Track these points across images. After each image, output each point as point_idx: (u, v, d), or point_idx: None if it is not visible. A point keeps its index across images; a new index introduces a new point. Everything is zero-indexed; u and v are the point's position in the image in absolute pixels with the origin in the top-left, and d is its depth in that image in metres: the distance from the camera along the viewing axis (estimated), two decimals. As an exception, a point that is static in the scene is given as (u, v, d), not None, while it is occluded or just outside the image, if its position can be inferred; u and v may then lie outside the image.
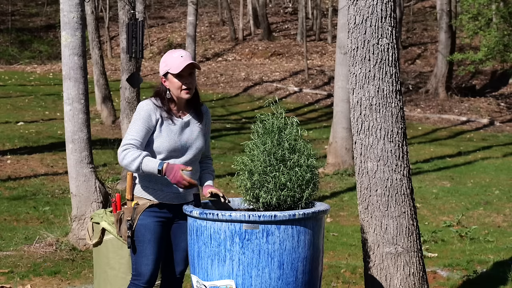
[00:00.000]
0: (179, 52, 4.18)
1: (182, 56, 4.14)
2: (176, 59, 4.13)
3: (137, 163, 3.99)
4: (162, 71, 4.20)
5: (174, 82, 4.15)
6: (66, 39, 7.44)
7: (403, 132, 4.71)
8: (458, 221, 9.41)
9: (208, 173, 4.38)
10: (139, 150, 4.03)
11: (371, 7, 4.64)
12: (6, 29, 33.53)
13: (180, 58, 4.13)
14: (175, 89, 4.16)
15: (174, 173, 3.97)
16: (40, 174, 11.83)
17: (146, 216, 4.13)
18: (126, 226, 4.12)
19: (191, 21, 18.98)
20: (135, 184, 4.19)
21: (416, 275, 4.71)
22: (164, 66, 4.18)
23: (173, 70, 4.11)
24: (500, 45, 20.78)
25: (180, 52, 4.17)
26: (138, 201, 4.16)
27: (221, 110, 21.58)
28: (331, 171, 13.07)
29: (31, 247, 7.49)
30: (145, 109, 4.12)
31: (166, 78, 4.19)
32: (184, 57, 4.13)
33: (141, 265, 4.12)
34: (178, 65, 4.11)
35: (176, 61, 4.13)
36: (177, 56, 4.14)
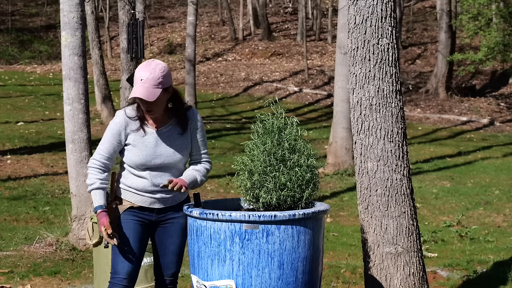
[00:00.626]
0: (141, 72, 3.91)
1: (142, 79, 3.89)
2: (136, 81, 3.90)
3: (88, 190, 4.04)
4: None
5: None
6: (66, 39, 7.44)
7: (403, 132, 4.71)
8: (458, 221, 9.41)
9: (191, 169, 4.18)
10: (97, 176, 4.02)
11: (371, 7, 4.64)
12: (6, 29, 33.53)
13: (139, 82, 3.89)
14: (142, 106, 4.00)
15: (99, 224, 3.98)
16: (40, 174, 11.82)
17: (126, 215, 4.09)
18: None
19: (191, 21, 18.98)
20: (118, 185, 4.16)
21: (416, 275, 4.71)
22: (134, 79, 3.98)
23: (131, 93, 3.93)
24: (500, 45, 20.78)
25: (142, 73, 3.90)
26: (119, 202, 4.13)
27: (221, 110, 21.58)
28: (331, 171, 13.07)
29: (31, 247, 7.49)
30: (116, 123, 4.02)
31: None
32: (143, 82, 3.88)
33: (117, 263, 4.07)
34: (133, 91, 3.91)
35: (135, 83, 3.91)
36: (138, 78, 3.90)
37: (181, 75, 26.38)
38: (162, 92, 3.91)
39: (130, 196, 4.11)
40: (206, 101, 22.49)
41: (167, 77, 3.94)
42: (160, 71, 3.90)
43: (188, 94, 19.07)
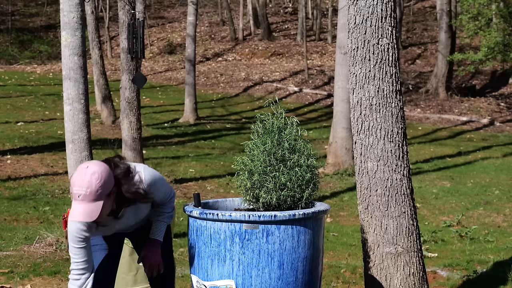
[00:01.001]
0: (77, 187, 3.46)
1: (79, 196, 3.46)
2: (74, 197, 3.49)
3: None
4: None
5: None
6: (66, 39, 7.44)
7: (403, 132, 4.72)
8: (458, 221, 9.41)
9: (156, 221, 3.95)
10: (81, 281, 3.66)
11: (371, 7, 4.64)
12: (6, 29, 33.54)
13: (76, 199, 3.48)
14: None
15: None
16: (40, 174, 11.82)
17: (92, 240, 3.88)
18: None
19: (191, 21, 18.99)
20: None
21: (416, 275, 4.71)
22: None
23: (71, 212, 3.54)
24: (500, 45, 20.79)
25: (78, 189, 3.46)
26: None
27: (221, 110, 21.58)
28: (331, 171, 13.07)
29: (31, 247, 7.49)
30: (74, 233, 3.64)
31: None
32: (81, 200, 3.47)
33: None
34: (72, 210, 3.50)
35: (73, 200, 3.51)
36: (76, 194, 3.47)
37: (181, 75, 26.39)
38: (105, 200, 3.51)
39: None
40: (206, 101, 22.49)
41: (106, 184, 3.48)
42: (97, 182, 3.45)
43: (188, 94, 19.07)
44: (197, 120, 18.98)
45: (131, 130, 10.68)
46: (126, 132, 10.70)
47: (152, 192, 3.74)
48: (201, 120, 19.14)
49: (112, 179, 3.54)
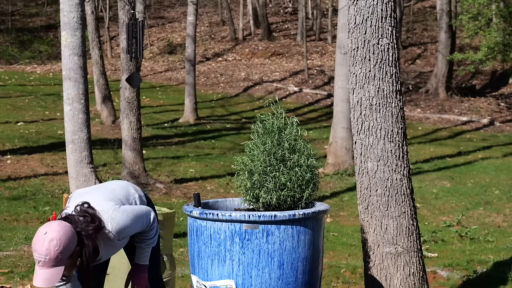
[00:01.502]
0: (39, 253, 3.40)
1: (40, 262, 3.40)
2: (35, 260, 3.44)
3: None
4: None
5: None
6: (66, 39, 7.45)
7: (403, 132, 4.72)
8: (458, 221, 9.41)
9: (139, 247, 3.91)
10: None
11: (371, 7, 4.64)
12: (6, 29, 33.54)
13: (37, 266, 3.42)
14: None
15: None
16: (40, 174, 11.82)
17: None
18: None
19: (191, 21, 18.99)
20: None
21: (416, 275, 4.71)
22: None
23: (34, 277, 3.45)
24: (500, 45, 20.79)
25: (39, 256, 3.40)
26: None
27: (221, 110, 21.58)
28: (331, 171, 13.07)
29: (31, 247, 7.48)
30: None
31: None
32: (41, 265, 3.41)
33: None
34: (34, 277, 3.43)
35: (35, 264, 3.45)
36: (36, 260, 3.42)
37: (181, 75, 26.39)
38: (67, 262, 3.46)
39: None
40: (206, 101, 22.49)
41: (66, 249, 3.42)
42: (55, 249, 3.38)
43: (188, 94, 19.07)
44: (197, 120, 18.98)
45: (131, 130, 10.68)
46: (126, 132, 10.70)
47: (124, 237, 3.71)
48: (201, 120, 19.14)
49: (74, 240, 3.46)
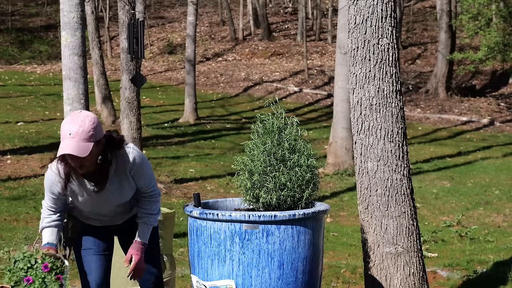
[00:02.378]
0: (69, 125, 3.52)
1: (71, 134, 3.50)
2: (64, 136, 3.52)
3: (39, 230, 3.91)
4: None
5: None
6: (66, 39, 7.44)
7: (403, 132, 4.72)
8: (458, 221, 9.41)
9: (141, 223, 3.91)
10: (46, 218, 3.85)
11: (371, 7, 4.64)
12: (6, 29, 33.54)
13: (67, 137, 3.50)
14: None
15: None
16: (40, 174, 11.81)
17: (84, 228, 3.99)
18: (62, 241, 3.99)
19: (191, 21, 18.99)
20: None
21: (416, 275, 4.71)
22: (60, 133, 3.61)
23: (59, 150, 3.54)
24: (500, 45, 20.79)
25: (70, 127, 3.51)
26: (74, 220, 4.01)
27: (221, 110, 21.58)
28: (331, 171, 13.07)
29: (31, 247, 7.48)
30: (47, 182, 3.74)
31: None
32: (71, 136, 3.50)
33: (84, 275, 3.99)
34: (61, 147, 3.52)
35: (63, 139, 3.52)
36: (66, 133, 3.50)
37: (181, 75, 26.39)
38: (94, 146, 3.55)
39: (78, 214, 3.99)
40: (206, 101, 22.49)
41: (98, 129, 3.56)
42: (90, 124, 3.52)
43: (188, 94, 19.06)
44: (197, 120, 18.97)
45: (131, 130, 10.68)
46: (126, 132, 10.70)
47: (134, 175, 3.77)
48: (201, 120, 19.14)
49: (102, 129, 3.60)
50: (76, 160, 3.56)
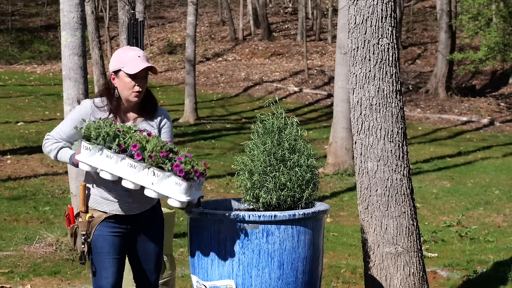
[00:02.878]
0: (135, 51, 3.91)
1: (140, 56, 3.87)
2: (132, 58, 3.86)
3: (53, 154, 3.87)
4: (114, 67, 3.90)
5: (126, 82, 3.86)
6: (66, 39, 7.44)
7: (403, 132, 4.72)
8: (458, 221, 9.41)
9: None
10: (58, 142, 3.87)
11: (371, 7, 4.64)
12: (6, 29, 33.54)
13: (137, 58, 3.85)
14: (126, 89, 3.86)
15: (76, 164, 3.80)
16: (40, 174, 11.82)
17: (102, 227, 3.86)
18: (81, 240, 3.84)
19: (191, 21, 18.99)
20: (89, 195, 3.89)
21: (416, 275, 4.71)
22: (117, 63, 3.89)
23: (129, 69, 3.83)
24: (500, 45, 20.79)
25: (136, 51, 3.90)
26: (93, 213, 3.87)
27: (221, 110, 21.58)
28: (331, 171, 13.06)
29: (31, 247, 7.49)
30: (79, 111, 3.88)
31: (116, 76, 3.89)
32: (141, 58, 3.86)
33: (100, 279, 3.87)
34: (136, 65, 3.83)
35: (133, 61, 3.85)
36: (134, 55, 3.87)
37: (181, 75, 26.39)
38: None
39: (105, 204, 3.88)
40: (206, 101, 22.49)
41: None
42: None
43: (188, 94, 19.06)
44: (197, 120, 18.97)
45: (131, 130, 10.67)
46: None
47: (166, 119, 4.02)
48: (201, 120, 19.14)
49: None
50: (144, 80, 3.88)
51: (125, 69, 3.84)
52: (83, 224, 3.85)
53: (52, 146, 3.88)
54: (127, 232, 3.94)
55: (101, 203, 3.88)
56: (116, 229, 3.89)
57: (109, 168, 3.63)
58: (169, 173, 3.56)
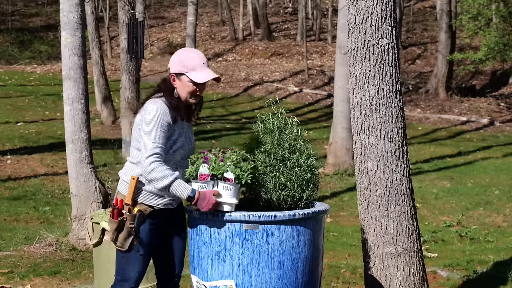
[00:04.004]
0: (199, 56, 4.00)
1: (204, 63, 3.99)
2: (197, 65, 3.96)
3: (167, 182, 3.77)
4: (177, 69, 3.96)
5: (188, 85, 3.97)
6: (66, 39, 7.44)
7: (403, 132, 4.72)
8: (458, 221, 9.41)
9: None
10: (170, 169, 3.81)
11: (371, 7, 4.64)
12: (6, 29, 33.54)
13: (202, 66, 3.97)
14: (186, 92, 3.97)
15: (207, 201, 3.75)
16: (40, 174, 11.82)
17: (149, 223, 3.95)
18: (127, 233, 3.89)
19: (191, 21, 18.99)
20: (141, 189, 3.93)
21: (416, 275, 4.71)
22: (181, 66, 3.96)
23: (196, 78, 3.94)
24: (500, 44, 20.79)
25: (201, 57, 3.99)
26: (140, 207, 3.92)
27: (221, 110, 21.59)
28: (331, 171, 13.06)
29: (31, 247, 7.49)
30: (160, 112, 3.87)
31: (178, 78, 3.98)
32: (206, 65, 3.99)
33: (130, 271, 3.96)
34: (203, 75, 3.97)
35: (199, 68, 3.96)
36: (199, 63, 3.97)
37: (181, 75, 26.37)
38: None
39: (155, 198, 3.94)
40: (206, 101, 22.39)
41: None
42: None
43: (188, 94, 19.02)
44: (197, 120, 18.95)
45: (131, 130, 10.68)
46: (126, 132, 10.70)
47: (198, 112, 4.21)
48: (201, 120, 19.13)
49: None
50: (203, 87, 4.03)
51: (191, 75, 3.95)
52: (131, 218, 3.89)
53: (166, 172, 3.78)
54: (163, 226, 4.03)
55: (150, 198, 3.94)
56: (155, 225, 3.98)
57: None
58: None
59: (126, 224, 3.90)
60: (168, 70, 4.01)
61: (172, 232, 4.11)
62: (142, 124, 3.89)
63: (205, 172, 3.80)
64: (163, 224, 4.03)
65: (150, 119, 3.85)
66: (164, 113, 3.88)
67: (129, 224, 3.89)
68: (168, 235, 4.11)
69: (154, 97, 3.98)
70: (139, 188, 3.92)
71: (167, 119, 3.88)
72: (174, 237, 4.12)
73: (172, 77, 3.99)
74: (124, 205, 3.92)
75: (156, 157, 3.79)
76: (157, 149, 3.81)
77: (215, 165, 3.79)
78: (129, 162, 4.02)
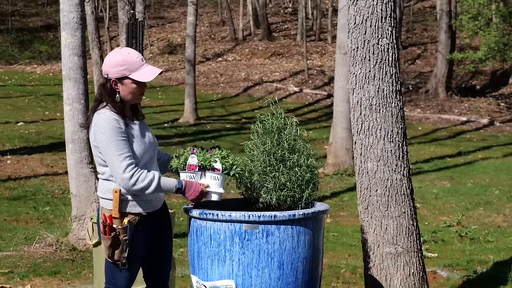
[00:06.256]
0: (135, 53, 3.84)
1: (142, 59, 3.83)
2: (138, 64, 3.81)
3: (154, 185, 3.75)
4: (118, 74, 3.79)
5: (131, 87, 3.82)
6: (66, 39, 7.45)
7: (403, 132, 4.72)
8: (458, 221, 9.41)
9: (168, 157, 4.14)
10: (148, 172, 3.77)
11: (371, 7, 4.64)
12: (6, 29, 33.53)
13: (142, 63, 3.81)
14: (132, 94, 3.84)
15: (194, 188, 3.83)
16: (40, 174, 11.82)
17: (138, 232, 3.86)
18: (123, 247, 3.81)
19: (191, 21, 18.99)
20: (127, 199, 3.83)
21: (416, 275, 4.71)
22: (122, 70, 3.79)
23: (140, 77, 3.79)
24: (500, 44, 20.79)
25: (136, 54, 3.83)
26: (129, 218, 3.83)
27: (221, 110, 21.59)
28: (331, 171, 13.06)
29: (31, 247, 7.49)
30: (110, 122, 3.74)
31: (120, 82, 3.81)
32: (144, 61, 3.84)
33: (122, 279, 3.89)
34: (148, 73, 3.82)
35: (140, 67, 3.82)
36: (138, 61, 3.82)
37: (181, 75, 26.39)
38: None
39: (143, 204, 3.87)
40: (206, 101, 22.50)
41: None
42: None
43: (188, 94, 19.06)
44: (197, 120, 18.97)
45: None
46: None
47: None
48: (201, 120, 19.14)
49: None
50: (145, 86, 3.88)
51: (135, 76, 3.80)
52: (123, 230, 3.82)
53: (149, 176, 3.76)
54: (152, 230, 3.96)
55: (135, 206, 3.86)
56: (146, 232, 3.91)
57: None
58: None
59: (120, 238, 3.81)
60: (106, 77, 3.83)
61: (159, 233, 4.03)
62: (98, 141, 3.76)
63: (194, 162, 3.89)
64: (150, 227, 3.95)
65: (104, 133, 3.73)
66: (114, 120, 3.75)
67: (123, 237, 3.81)
68: (155, 237, 4.02)
69: (99, 108, 3.83)
70: (123, 199, 3.83)
71: (119, 125, 3.75)
72: (162, 237, 4.05)
73: (113, 82, 3.82)
74: (112, 219, 3.82)
75: (131, 168, 3.72)
76: (127, 159, 3.73)
77: (203, 156, 3.89)
78: (102, 180, 3.88)
